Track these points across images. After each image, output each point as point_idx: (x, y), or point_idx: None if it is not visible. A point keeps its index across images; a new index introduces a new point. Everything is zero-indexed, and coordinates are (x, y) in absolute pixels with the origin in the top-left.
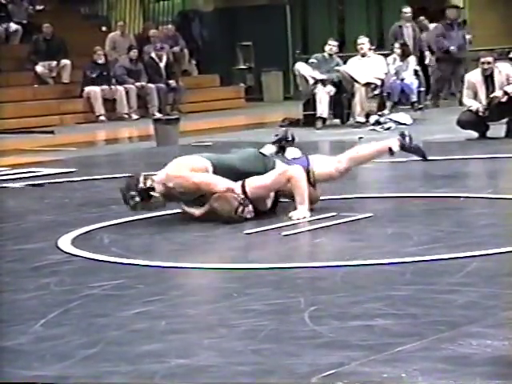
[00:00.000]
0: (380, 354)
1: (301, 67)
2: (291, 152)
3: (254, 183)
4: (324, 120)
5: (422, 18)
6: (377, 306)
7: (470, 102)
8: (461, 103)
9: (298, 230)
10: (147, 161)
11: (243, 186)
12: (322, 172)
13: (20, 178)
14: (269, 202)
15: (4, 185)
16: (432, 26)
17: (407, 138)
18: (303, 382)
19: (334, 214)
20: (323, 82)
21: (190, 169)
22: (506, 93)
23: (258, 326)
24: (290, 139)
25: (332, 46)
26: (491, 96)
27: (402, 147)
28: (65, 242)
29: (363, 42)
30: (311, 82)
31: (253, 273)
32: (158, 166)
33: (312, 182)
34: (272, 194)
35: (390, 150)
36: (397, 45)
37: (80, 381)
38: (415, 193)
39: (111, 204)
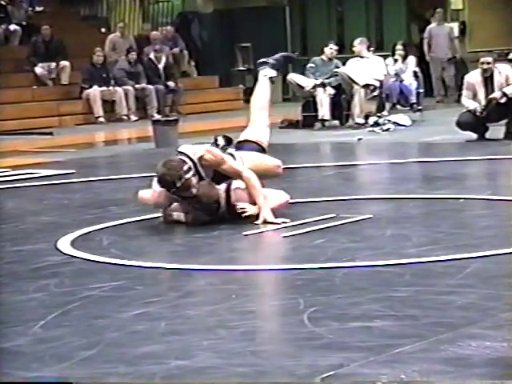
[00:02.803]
0: (379, 355)
1: (294, 77)
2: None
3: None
4: (323, 121)
5: None
6: (376, 308)
7: (468, 103)
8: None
9: (297, 231)
10: (146, 162)
11: (228, 190)
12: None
13: (19, 180)
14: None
15: (3, 186)
16: None
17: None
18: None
19: (333, 215)
20: (323, 85)
21: None
22: (504, 94)
23: (257, 328)
24: (226, 145)
25: (333, 49)
26: (489, 97)
27: (273, 66)
28: (64, 244)
29: (354, 44)
30: (310, 85)
31: (252, 274)
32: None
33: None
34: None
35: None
36: (399, 46)
37: (79, 382)
38: (414, 194)
39: (110, 205)
